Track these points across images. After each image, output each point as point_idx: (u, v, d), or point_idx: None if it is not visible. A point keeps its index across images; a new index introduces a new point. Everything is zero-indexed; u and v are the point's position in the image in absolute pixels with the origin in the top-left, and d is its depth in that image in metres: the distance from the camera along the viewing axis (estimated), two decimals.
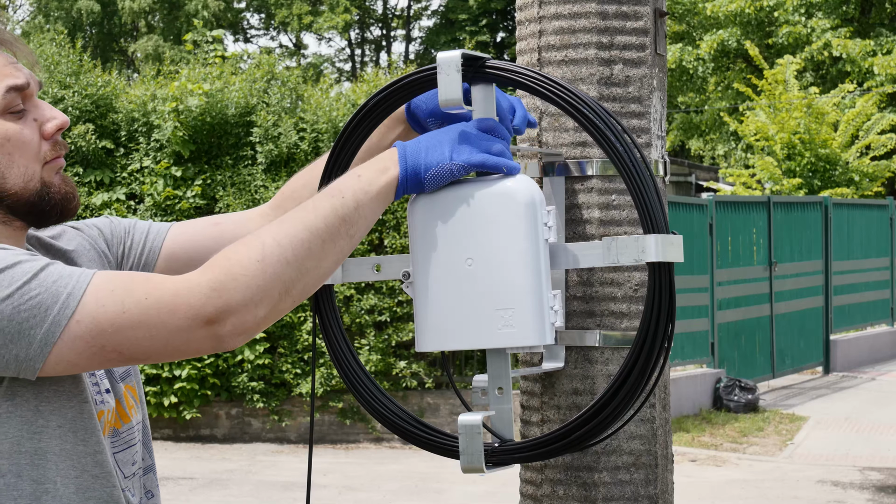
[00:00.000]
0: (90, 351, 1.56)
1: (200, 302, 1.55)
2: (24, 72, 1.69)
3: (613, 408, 1.72)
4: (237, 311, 1.56)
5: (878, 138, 18.86)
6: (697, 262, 11.42)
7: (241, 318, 1.56)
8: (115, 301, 1.56)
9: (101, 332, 1.55)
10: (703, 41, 25.17)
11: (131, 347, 1.57)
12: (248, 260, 1.57)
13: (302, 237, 1.60)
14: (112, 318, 1.55)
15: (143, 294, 1.56)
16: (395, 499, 8.39)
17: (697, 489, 8.51)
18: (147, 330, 1.56)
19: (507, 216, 1.70)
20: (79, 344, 1.55)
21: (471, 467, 1.73)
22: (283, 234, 1.60)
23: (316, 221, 1.62)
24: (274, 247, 1.58)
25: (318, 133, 10.52)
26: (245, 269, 1.56)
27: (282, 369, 10.43)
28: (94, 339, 1.55)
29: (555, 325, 1.73)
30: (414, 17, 40.84)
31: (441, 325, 1.75)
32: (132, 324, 1.55)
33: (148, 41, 34.00)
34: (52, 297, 1.54)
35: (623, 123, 1.92)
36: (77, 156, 10.47)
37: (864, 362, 14.74)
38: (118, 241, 1.91)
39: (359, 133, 1.83)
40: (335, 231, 1.63)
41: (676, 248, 1.69)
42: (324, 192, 1.67)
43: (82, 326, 1.55)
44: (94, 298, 1.55)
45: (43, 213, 1.71)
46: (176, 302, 1.55)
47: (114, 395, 1.77)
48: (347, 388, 1.87)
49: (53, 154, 1.72)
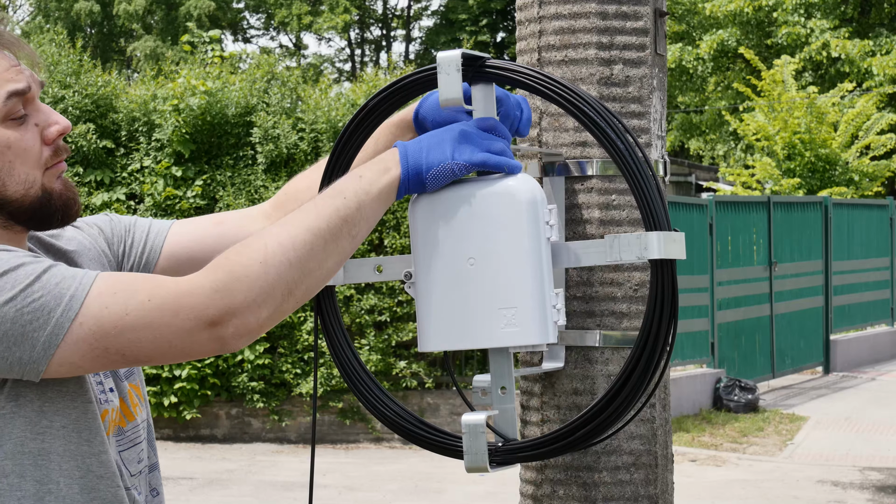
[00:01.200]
0: (93, 353, 1.56)
1: (203, 304, 1.55)
2: (26, 74, 1.68)
3: (616, 408, 1.72)
4: (240, 312, 1.55)
5: (877, 138, 18.86)
6: (697, 262, 11.42)
7: (244, 319, 1.56)
8: (119, 303, 1.55)
9: (105, 334, 1.55)
10: (702, 41, 25.17)
11: (134, 349, 1.57)
12: (251, 261, 1.57)
13: (304, 238, 1.60)
14: (115, 320, 1.55)
15: (146, 296, 1.56)
16: (395, 499, 8.39)
17: (697, 489, 8.51)
18: (150, 332, 1.56)
19: (509, 215, 1.70)
20: (82, 346, 1.55)
21: (475, 467, 1.73)
22: (286, 235, 1.60)
23: (318, 223, 1.62)
24: (277, 248, 1.58)
25: (317, 133, 10.52)
26: (248, 270, 1.56)
27: (282, 369, 10.43)
28: (97, 342, 1.55)
29: (557, 323, 1.73)
30: (414, 17, 40.84)
31: (443, 325, 1.75)
32: (135, 326, 1.55)
33: (146, 42, 33.99)
34: (55, 300, 1.54)
35: (624, 122, 1.92)
36: (77, 156, 10.46)
37: (864, 362, 14.74)
38: (118, 240, 1.91)
39: (359, 134, 1.83)
40: (337, 232, 1.63)
41: (679, 246, 1.69)
42: (325, 192, 1.67)
43: (85, 329, 1.55)
44: (97, 301, 1.55)
45: (44, 219, 1.71)
46: (179, 304, 1.55)
47: (118, 394, 1.77)
48: (350, 389, 1.87)
49: (55, 159, 1.71)
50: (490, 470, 1.73)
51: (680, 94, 27.12)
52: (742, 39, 24.77)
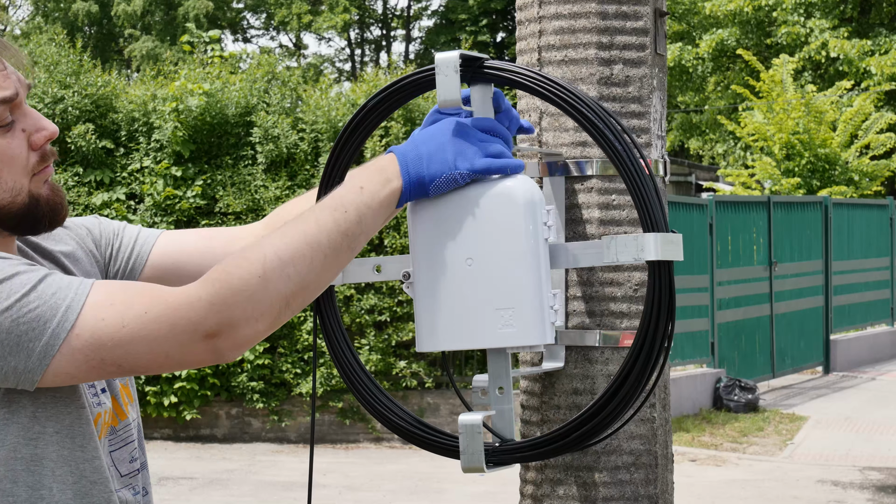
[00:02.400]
0: (89, 364, 1.56)
1: (200, 316, 1.54)
2: (13, 79, 1.66)
3: (613, 407, 1.72)
4: (237, 325, 1.55)
5: (877, 137, 18.86)
6: (697, 262, 11.42)
7: (241, 332, 1.56)
8: (115, 315, 1.55)
9: (101, 345, 1.55)
10: (702, 41, 25.18)
11: (130, 361, 1.56)
12: (250, 275, 1.56)
13: (304, 252, 1.59)
14: (112, 332, 1.55)
15: (142, 308, 1.55)
16: (395, 499, 8.39)
17: (697, 489, 8.51)
18: (147, 344, 1.55)
19: (507, 216, 1.70)
20: (78, 357, 1.55)
21: (471, 467, 1.73)
22: (286, 248, 1.59)
23: (318, 236, 1.61)
24: (276, 262, 1.57)
25: (317, 133, 10.52)
26: (246, 284, 1.55)
27: (282, 369, 10.43)
28: (93, 353, 1.55)
29: (555, 324, 1.73)
30: (414, 17, 40.84)
31: (441, 325, 1.75)
32: (132, 338, 1.55)
33: (144, 42, 33.98)
34: (50, 310, 1.54)
35: (623, 123, 1.92)
36: (77, 156, 10.47)
37: (864, 362, 14.74)
38: (106, 242, 1.90)
39: (358, 134, 1.83)
40: (337, 246, 1.62)
41: (676, 247, 1.69)
42: (326, 203, 1.65)
43: (81, 340, 1.54)
44: (93, 312, 1.55)
45: (32, 225, 1.70)
46: (176, 316, 1.55)
47: (110, 394, 1.77)
48: (348, 389, 1.87)
49: (42, 165, 1.69)
50: (486, 470, 1.73)
51: (680, 94, 27.13)
52: (742, 39, 24.78)
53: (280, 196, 10.34)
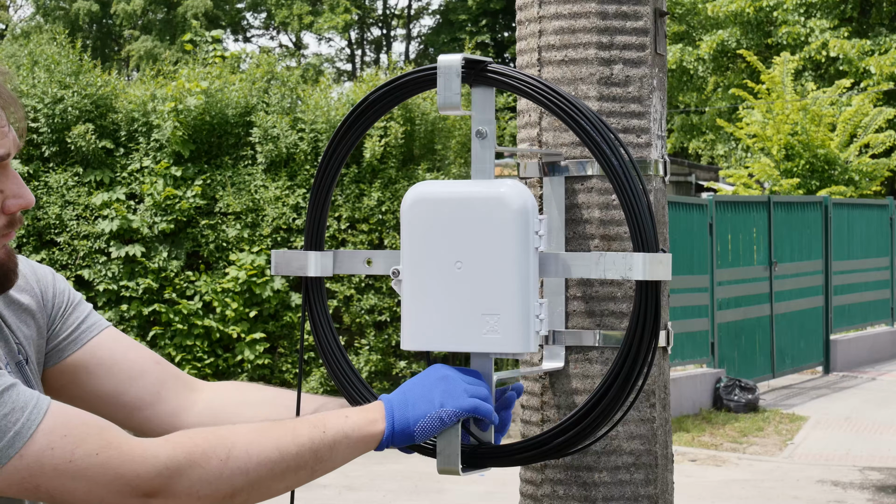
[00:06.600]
0: (22, 485, 1.52)
1: (150, 475, 1.53)
2: (10, 138, 1.63)
3: (591, 421, 1.74)
4: (178, 495, 1.55)
5: (876, 136, 18.86)
6: (697, 262, 11.41)
7: (177, 501, 1.55)
8: (65, 447, 1.52)
9: (42, 473, 1.51)
10: (702, 41, 25.17)
11: (65, 496, 1.53)
12: (213, 455, 1.56)
13: (271, 457, 1.60)
14: (57, 464, 1.51)
15: (95, 448, 1.53)
16: (395, 499, 8.39)
17: (697, 489, 8.51)
18: (87, 485, 1.52)
19: (499, 222, 1.70)
20: (14, 478, 1.51)
21: (446, 468, 1.74)
22: (255, 445, 1.59)
23: (289, 447, 1.62)
24: (241, 453, 1.58)
25: (317, 133, 10.52)
26: (207, 461, 1.56)
27: (282, 369, 10.43)
28: (31, 478, 1.51)
29: (539, 333, 1.74)
30: (414, 17, 40.85)
31: (427, 325, 1.75)
32: (75, 475, 1.52)
33: (143, 42, 33.98)
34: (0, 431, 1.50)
35: (622, 125, 1.92)
36: (77, 156, 10.47)
37: (864, 362, 14.74)
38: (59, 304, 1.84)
39: (357, 128, 1.84)
40: (303, 463, 1.63)
41: (664, 268, 1.70)
42: (308, 419, 1.66)
43: (24, 462, 1.51)
44: (45, 438, 1.51)
45: None
46: (124, 468, 1.53)
47: None
48: (334, 383, 1.88)
49: (6, 230, 1.65)
50: (462, 473, 1.74)
51: (680, 95, 27.12)
52: (742, 39, 24.77)
53: (280, 196, 10.34)
